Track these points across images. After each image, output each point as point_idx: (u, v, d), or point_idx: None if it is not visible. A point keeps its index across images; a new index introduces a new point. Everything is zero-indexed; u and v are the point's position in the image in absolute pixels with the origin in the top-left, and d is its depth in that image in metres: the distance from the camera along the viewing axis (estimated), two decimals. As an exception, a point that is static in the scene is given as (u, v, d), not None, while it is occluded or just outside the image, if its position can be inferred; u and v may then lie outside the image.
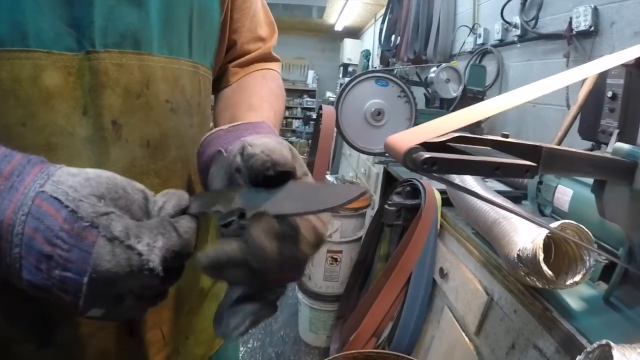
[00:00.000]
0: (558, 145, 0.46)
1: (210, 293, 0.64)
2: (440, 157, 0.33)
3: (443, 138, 0.36)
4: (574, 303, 0.76)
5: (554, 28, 1.61)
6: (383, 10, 3.61)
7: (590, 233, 0.71)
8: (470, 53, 2.32)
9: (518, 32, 1.84)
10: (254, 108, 0.54)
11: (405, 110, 1.72)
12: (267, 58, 0.66)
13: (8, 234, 0.29)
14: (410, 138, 0.35)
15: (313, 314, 2.04)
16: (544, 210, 1.04)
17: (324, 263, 1.94)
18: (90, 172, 0.32)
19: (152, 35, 0.43)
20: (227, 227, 0.34)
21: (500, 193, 1.21)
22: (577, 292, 0.78)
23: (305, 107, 7.87)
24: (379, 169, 2.20)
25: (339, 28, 6.81)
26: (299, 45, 7.68)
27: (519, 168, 0.37)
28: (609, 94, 0.98)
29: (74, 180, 0.31)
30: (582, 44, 1.46)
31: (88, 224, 0.29)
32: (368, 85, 1.68)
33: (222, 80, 0.63)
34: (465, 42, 2.42)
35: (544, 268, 0.70)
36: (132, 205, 0.33)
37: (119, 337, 0.47)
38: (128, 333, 0.48)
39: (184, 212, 0.35)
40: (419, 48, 2.78)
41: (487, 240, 0.99)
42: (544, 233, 0.72)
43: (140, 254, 0.30)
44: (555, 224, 0.73)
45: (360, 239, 1.92)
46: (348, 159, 3.41)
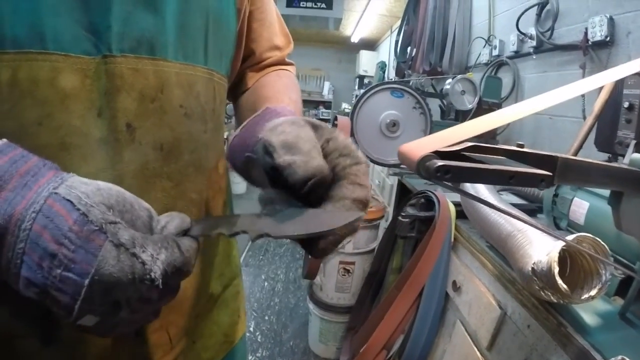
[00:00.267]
0: (574, 156, 0.45)
1: (220, 299, 0.64)
2: (454, 165, 0.32)
3: (457, 147, 0.36)
4: (589, 318, 0.74)
5: (570, 39, 1.59)
6: (399, 22, 3.62)
7: (607, 246, 0.70)
8: (486, 65, 2.31)
9: (534, 43, 1.83)
10: (269, 99, 0.57)
11: (421, 122, 1.72)
12: (281, 62, 0.70)
13: (15, 229, 0.29)
14: (424, 146, 0.35)
15: (323, 325, 2.02)
16: (560, 224, 1.02)
17: (336, 274, 1.93)
18: (102, 183, 0.33)
19: (167, 41, 0.44)
20: None
21: (515, 206, 1.19)
22: (592, 307, 0.76)
23: (321, 118, 7.90)
24: (394, 181, 2.20)
25: (355, 40, 6.85)
26: (316, 57, 7.74)
27: (534, 177, 0.37)
28: (626, 105, 0.97)
29: (87, 188, 0.32)
30: (598, 55, 1.45)
31: (97, 229, 0.30)
32: (383, 97, 1.68)
33: (240, 85, 0.66)
34: (481, 53, 2.41)
35: (559, 282, 0.68)
36: (137, 221, 0.34)
37: (124, 337, 0.47)
38: (134, 333, 0.48)
39: (185, 233, 0.36)
40: (435, 60, 2.78)
41: (501, 254, 0.98)
42: (559, 246, 0.71)
43: (144, 263, 0.31)
44: (571, 237, 0.71)
45: (373, 251, 1.91)
46: (362, 170, 3.39)
